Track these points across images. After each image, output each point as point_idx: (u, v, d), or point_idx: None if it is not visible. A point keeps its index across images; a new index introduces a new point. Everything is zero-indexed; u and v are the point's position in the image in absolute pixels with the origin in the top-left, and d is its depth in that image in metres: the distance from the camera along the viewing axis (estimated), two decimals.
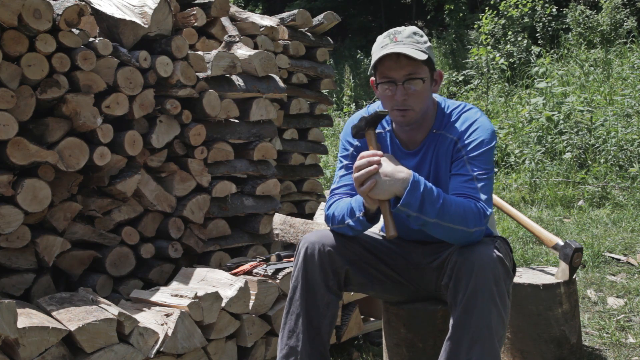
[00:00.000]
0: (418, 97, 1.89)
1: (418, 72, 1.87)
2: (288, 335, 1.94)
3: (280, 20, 4.28)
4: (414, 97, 1.89)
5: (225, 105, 3.05)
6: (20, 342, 1.84)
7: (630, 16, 10.49)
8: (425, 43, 1.91)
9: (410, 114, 1.92)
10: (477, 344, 1.74)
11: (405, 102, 1.89)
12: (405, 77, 1.87)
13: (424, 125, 2.01)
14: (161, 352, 2.14)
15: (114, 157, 2.64)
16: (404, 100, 1.88)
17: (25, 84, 2.38)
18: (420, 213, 1.78)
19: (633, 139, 6.19)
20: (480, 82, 9.95)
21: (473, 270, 1.76)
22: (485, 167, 1.89)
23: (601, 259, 3.93)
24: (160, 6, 2.80)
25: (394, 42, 1.87)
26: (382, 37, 1.93)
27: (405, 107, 1.89)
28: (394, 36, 1.89)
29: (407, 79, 1.87)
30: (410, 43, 1.87)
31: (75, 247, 2.64)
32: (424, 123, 2.00)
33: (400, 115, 1.92)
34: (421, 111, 1.93)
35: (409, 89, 1.88)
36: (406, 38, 1.88)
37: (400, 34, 1.89)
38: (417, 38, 1.90)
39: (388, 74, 1.89)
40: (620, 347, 2.75)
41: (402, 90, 1.88)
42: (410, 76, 1.87)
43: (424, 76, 1.89)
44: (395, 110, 1.92)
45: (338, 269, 1.95)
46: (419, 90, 1.88)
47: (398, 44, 1.86)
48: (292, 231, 3.13)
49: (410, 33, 1.90)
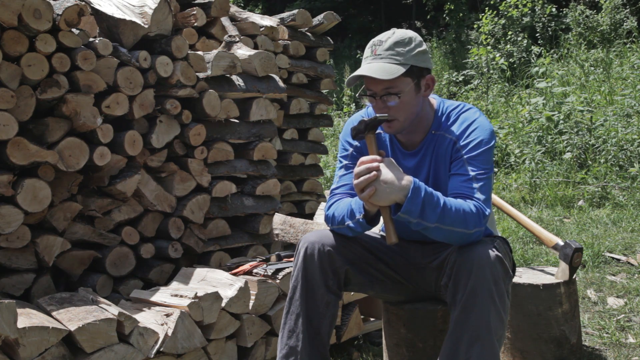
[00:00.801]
0: (400, 109, 1.91)
1: (394, 86, 1.88)
2: (288, 335, 1.95)
3: (280, 20, 4.28)
4: (395, 109, 1.91)
5: (225, 105, 3.05)
6: (20, 342, 1.84)
7: (630, 16, 10.49)
8: (411, 52, 1.88)
9: (395, 124, 1.94)
10: (476, 343, 1.74)
11: (389, 114, 1.91)
12: (383, 91, 1.89)
13: (422, 127, 2.01)
14: (161, 352, 2.14)
15: (114, 157, 2.64)
16: (387, 112, 1.91)
17: (25, 84, 2.38)
18: (421, 219, 1.78)
19: (633, 139, 6.19)
20: (480, 82, 9.95)
21: (472, 270, 1.76)
22: (485, 167, 1.90)
23: (601, 259, 3.93)
24: (160, 6, 2.80)
25: (372, 56, 1.89)
26: (368, 46, 1.94)
27: (390, 117, 1.91)
28: (375, 48, 1.90)
29: (385, 93, 1.89)
30: (388, 57, 1.86)
31: (75, 247, 2.64)
32: (421, 124, 2.01)
33: (386, 126, 1.95)
34: (407, 120, 1.94)
35: (386, 103, 1.90)
36: (386, 51, 1.87)
37: (381, 46, 1.88)
38: (399, 49, 1.87)
39: (369, 87, 1.92)
40: (620, 347, 2.75)
41: (380, 104, 1.91)
42: (387, 91, 1.89)
43: (399, 91, 1.88)
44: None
45: (338, 268, 1.96)
46: (399, 103, 1.89)
47: (375, 59, 1.88)
48: (292, 231, 3.13)
49: (391, 44, 1.87)
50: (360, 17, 18.63)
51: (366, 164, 1.81)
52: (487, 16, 11.07)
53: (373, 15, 19.02)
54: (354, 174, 1.83)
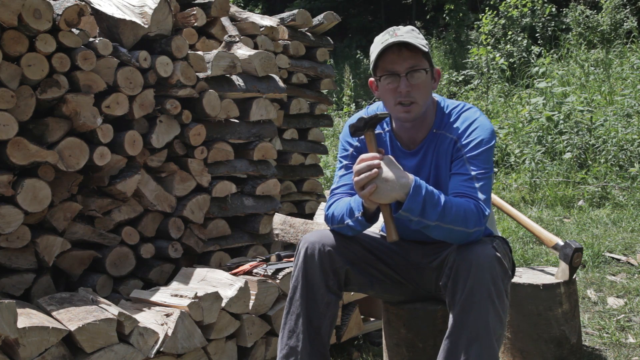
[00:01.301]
0: (421, 90, 1.91)
1: (420, 63, 1.90)
2: (288, 335, 1.94)
3: (280, 20, 4.28)
4: (417, 89, 1.90)
5: (225, 105, 3.05)
6: (20, 342, 1.84)
7: (631, 16, 10.49)
8: (423, 39, 1.94)
9: (415, 108, 1.92)
10: (475, 343, 1.74)
11: (409, 94, 1.89)
12: (408, 69, 1.89)
13: (424, 125, 2.01)
14: (161, 352, 2.14)
15: (114, 157, 2.64)
16: (408, 92, 1.89)
17: (25, 84, 2.38)
18: (422, 217, 1.78)
19: (633, 139, 6.19)
20: (480, 82, 9.94)
21: (471, 270, 1.76)
22: (485, 166, 1.90)
23: (601, 259, 3.93)
24: (160, 6, 2.80)
25: (394, 37, 1.89)
26: (382, 35, 1.95)
27: (410, 99, 1.90)
28: (394, 32, 1.91)
29: (410, 70, 1.89)
30: (410, 37, 1.89)
31: (75, 247, 2.64)
32: (424, 122, 2.00)
33: (404, 110, 1.92)
34: (424, 105, 1.94)
35: (412, 80, 1.89)
36: (406, 33, 1.91)
37: (399, 30, 1.92)
38: (415, 34, 1.92)
39: (390, 68, 1.90)
40: (620, 347, 2.75)
41: (405, 82, 1.89)
42: (413, 68, 1.89)
43: (426, 67, 1.91)
44: (399, 106, 1.92)
45: (338, 269, 1.96)
46: (421, 82, 1.90)
47: (398, 38, 1.88)
48: (292, 231, 3.13)
49: (409, 29, 1.93)
50: (360, 17, 18.63)
51: (367, 161, 1.80)
52: (487, 16, 11.06)
53: (373, 15, 19.02)
54: (353, 171, 1.82)
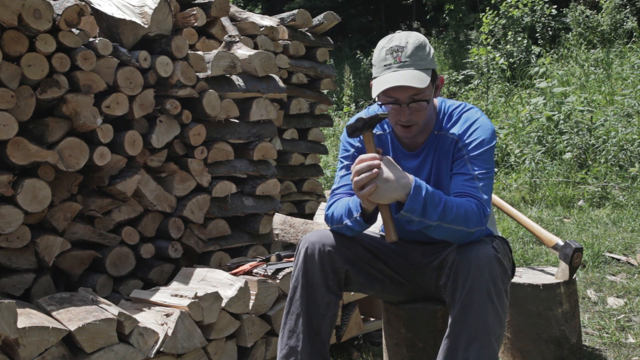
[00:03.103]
0: (422, 114, 1.91)
1: (422, 93, 1.87)
2: (288, 335, 1.95)
3: (280, 20, 4.28)
4: (418, 115, 1.90)
5: (225, 105, 3.05)
6: (20, 342, 1.84)
7: (631, 16, 10.49)
8: (429, 55, 1.88)
9: (414, 129, 1.94)
10: (474, 342, 1.74)
11: (410, 120, 1.90)
12: (410, 98, 1.87)
13: (426, 128, 2.01)
14: (161, 352, 2.14)
15: (114, 157, 2.64)
16: (409, 118, 1.90)
17: (25, 84, 2.38)
18: (423, 217, 1.78)
19: (633, 139, 6.19)
20: (480, 82, 9.94)
21: (470, 269, 1.76)
22: (486, 166, 1.90)
23: (601, 259, 3.93)
24: (160, 6, 2.80)
25: (398, 63, 1.84)
26: (385, 52, 1.88)
27: (410, 123, 1.91)
28: (398, 55, 1.84)
29: (412, 101, 1.87)
30: (414, 63, 1.84)
31: (75, 247, 2.64)
32: (425, 125, 2.00)
33: (404, 131, 1.94)
34: (424, 124, 1.95)
35: (413, 109, 1.89)
36: (409, 57, 1.84)
37: (403, 52, 1.84)
38: (421, 54, 1.86)
39: (392, 95, 1.88)
40: (620, 347, 2.75)
41: (406, 111, 1.89)
42: (414, 97, 1.87)
43: (427, 97, 1.88)
44: (399, 126, 1.94)
45: (338, 269, 1.96)
46: (423, 110, 1.90)
47: (402, 66, 1.83)
48: (292, 231, 3.13)
49: (413, 50, 1.85)
50: (360, 17, 18.63)
51: (366, 161, 1.80)
52: (487, 16, 11.06)
53: (373, 15, 19.02)
54: (353, 171, 1.81)
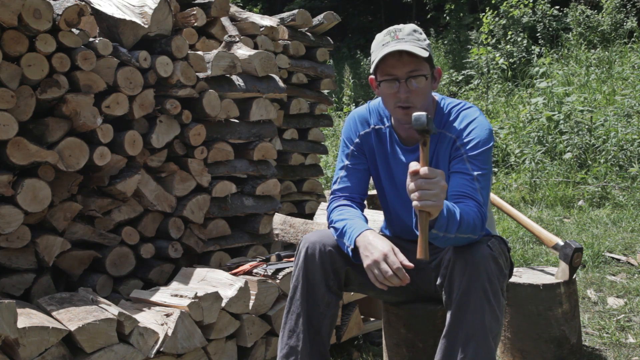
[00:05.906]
0: (420, 94, 1.90)
1: (420, 69, 1.88)
2: (288, 335, 1.95)
3: (280, 20, 4.28)
4: (416, 94, 1.89)
5: (225, 105, 3.05)
6: (20, 342, 1.84)
7: (631, 16, 10.48)
8: (425, 40, 1.92)
9: (413, 111, 1.91)
10: (471, 341, 1.74)
11: (408, 99, 1.89)
12: (408, 74, 1.88)
13: None
14: (161, 352, 2.14)
15: (114, 157, 2.64)
16: (407, 97, 1.89)
17: (25, 84, 2.38)
18: (446, 232, 1.73)
19: (633, 139, 6.18)
20: (480, 82, 9.94)
21: (466, 269, 1.76)
22: (484, 166, 1.90)
23: (601, 259, 3.93)
24: (160, 6, 2.80)
25: (396, 40, 1.87)
26: (383, 35, 1.93)
27: (408, 104, 1.90)
28: (395, 34, 1.89)
29: (410, 76, 1.88)
30: (412, 40, 1.88)
31: (75, 247, 2.64)
32: None
33: (403, 113, 1.92)
34: (422, 108, 1.94)
35: (411, 86, 1.88)
36: (407, 36, 1.89)
37: (401, 32, 1.90)
38: (417, 35, 1.90)
39: (390, 72, 1.89)
40: (620, 347, 2.75)
41: (404, 88, 1.88)
42: (412, 73, 1.88)
43: (425, 73, 1.89)
44: (398, 108, 1.92)
45: (338, 268, 1.96)
46: (421, 88, 1.89)
47: (400, 42, 1.87)
48: (292, 231, 3.13)
49: (410, 31, 1.91)
50: (360, 17, 18.63)
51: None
52: (487, 16, 11.06)
53: (373, 15, 19.02)
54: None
